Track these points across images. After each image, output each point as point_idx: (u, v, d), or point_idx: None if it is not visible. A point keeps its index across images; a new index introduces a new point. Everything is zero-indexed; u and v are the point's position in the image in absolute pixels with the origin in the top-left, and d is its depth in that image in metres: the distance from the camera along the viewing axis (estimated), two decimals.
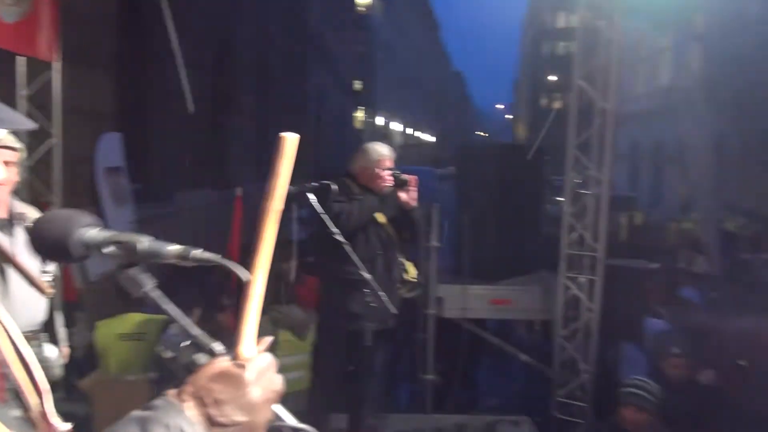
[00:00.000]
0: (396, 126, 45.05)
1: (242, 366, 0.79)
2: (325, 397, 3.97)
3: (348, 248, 3.32)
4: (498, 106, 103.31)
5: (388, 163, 3.75)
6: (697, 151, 8.54)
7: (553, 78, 50.53)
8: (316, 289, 4.48)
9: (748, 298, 5.97)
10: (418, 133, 56.94)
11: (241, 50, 11.48)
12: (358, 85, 31.47)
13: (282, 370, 0.77)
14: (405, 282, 3.97)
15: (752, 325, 5.11)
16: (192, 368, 0.81)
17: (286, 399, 0.85)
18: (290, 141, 0.82)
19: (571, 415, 4.92)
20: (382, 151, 3.80)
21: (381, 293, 3.34)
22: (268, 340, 0.84)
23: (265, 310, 3.92)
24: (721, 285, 6.88)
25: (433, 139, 64.33)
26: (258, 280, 0.81)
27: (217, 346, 0.84)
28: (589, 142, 4.96)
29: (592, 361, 4.94)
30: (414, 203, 3.78)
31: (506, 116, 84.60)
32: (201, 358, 0.83)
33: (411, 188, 3.75)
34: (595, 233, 4.93)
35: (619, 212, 15.47)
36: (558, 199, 5.18)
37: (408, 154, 48.04)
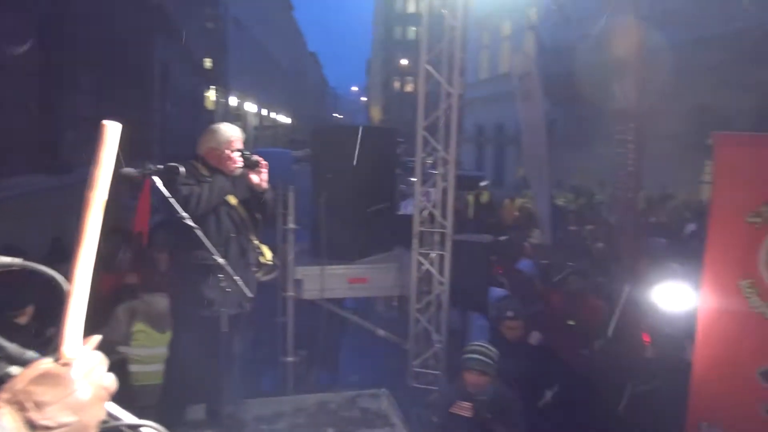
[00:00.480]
0: (250, 107, 43.76)
1: (67, 365, 0.74)
2: (180, 388, 3.81)
3: (199, 232, 3.20)
4: (353, 88, 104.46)
5: (238, 144, 3.65)
6: (531, 133, 9.32)
7: (404, 62, 52.13)
8: None
9: (577, 264, 6.67)
10: (273, 115, 55.85)
11: (78, 23, 10.41)
12: (208, 62, 30.03)
13: (138, 362, 0.73)
14: (261, 265, 3.91)
15: (578, 287, 5.76)
16: (5, 381, 0.75)
17: (143, 393, 0.82)
18: (112, 129, 0.79)
19: (426, 384, 5.21)
20: (231, 131, 3.69)
21: (236, 277, 3.27)
22: (96, 338, 0.80)
23: (124, 300, 3.66)
24: (553, 254, 7.62)
25: (288, 120, 63.54)
26: (80, 277, 0.77)
27: (31, 355, 0.79)
28: (436, 124, 5.22)
29: (444, 331, 5.27)
30: (265, 185, 3.72)
31: (362, 98, 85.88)
32: (14, 370, 0.78)
33: (262, 169, 3.69)
34: (443, 211, 5.23)
35: (468, 191, 16.52)
36: (411, 179, 5.39)
37: (263, 135, 46.97)
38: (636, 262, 5.71)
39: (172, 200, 3.16)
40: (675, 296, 4.10)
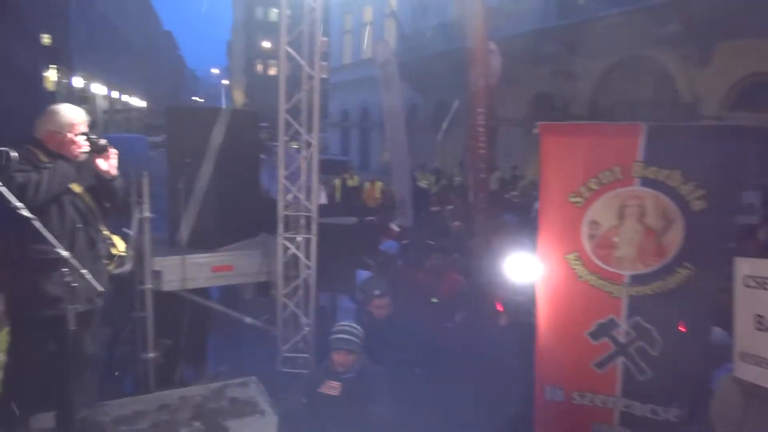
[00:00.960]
0: (98, 89, 40.28)
1: None
2: (23, 396, 3.47)
3: (38, 224, 2.92)
4: (213, 70, 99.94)
5: (82, 128, 3.37)
6: (391, 119, 9.60)
7: (267, 44, 50.87)
8: None
9: (438, 243, 7.00)
10: (126, 98, 51.90)
11: None
12: (46, 38, 27.14)
13: None
14: (113, 257, 3.66)
15: (439, 265, 6.06)
16: None
17: None
18: None
19: (296, 368, 5.22)
20: (73, 113, 3.39)
21: (83, 271, 3.03)
22: None
23: None
24: (416, 234, 7.93)
25: (143, 104, 59.43)
26: None
27: None
28: (298, 107, 5.19)
29: (312, 314, 5.30)
30: (114, 171, 3.48)
31: (223, 81, 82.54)
32: None
33: (110, 155, 3.44)
34: (308, 194, 5.23)
35: (336, 175, 16.64)
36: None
37: (116, 120, 43.53)
38: (490, 238, 6.11)
39: (4, 189, 2.85)
40: (523, 267, 4.45)
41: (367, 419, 3.54)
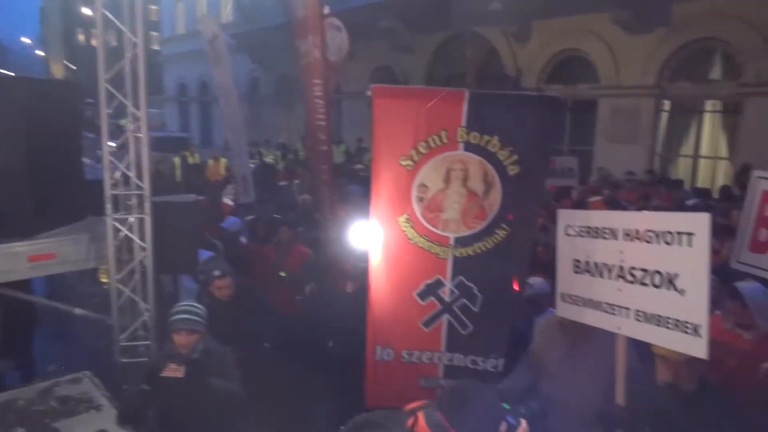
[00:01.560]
0: None
1: None
2: None
3: None
4: (24, 39, 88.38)
5: None
6: (225, 95, 9.24)
7: (87, 11, 46.10)
8: None
9: (285, 216, 6.93)
10: None
11: None
12: None
13: None
14: None
15: (287, 238, 6.00)
16: None
17: None
18: None
19: (136, 357, 4.91)
20: None
21: None
22: None
23: None
24: (262, 209, 7.79)
25: None
26: None
27: None
28: (122, 76, 4.78)
29: (152, 299, 4.99)
30: None
31: (37, 52, 73.38)
32: None
33: None
34: (139, 172, 4.87)
35: (175, 153, 15.72)
36: (111, 144, 4.83)
37: None
38: (335, 209, 6.18)
39: None
40: (366, 234, 4.56)
41: (214, 397, 3.44)
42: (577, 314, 3.33)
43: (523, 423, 2.36)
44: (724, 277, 4.30)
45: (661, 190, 9.64)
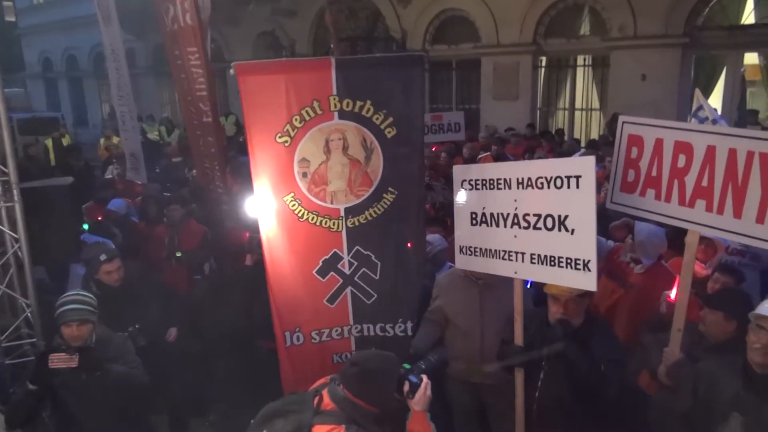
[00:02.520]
0: None
1: None
2: None
3: None
4: None
5: None
6: (116, 58, 8.44)
7: None
8: None
9: (176, 194, 6.58)
10: None
11: None
12: None
13: None
14: None
15: (178, 215, 5.73)
16: None
17: None
18: None
19: (22, 357, 4.54)
20: None
21: None
22: None
23: None
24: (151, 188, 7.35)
25: None
26: None
27: None
28: None
29: (32, 293, 4.60)
30: None
31: None
32: None
33: None
34: (2, 157, 4.42)
35: (45, 135, 14.40)
36: None
37: None
38: (227, 181, 5.98)
39: None
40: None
41: (115, 385, 3.26)
42: (476, 264, 3.48)
43: (425, 379, 2.47)
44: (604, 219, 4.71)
45: (543, 142, 10.19)
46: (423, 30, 14.77)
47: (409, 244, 3.81)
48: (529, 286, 4.19)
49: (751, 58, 11.72)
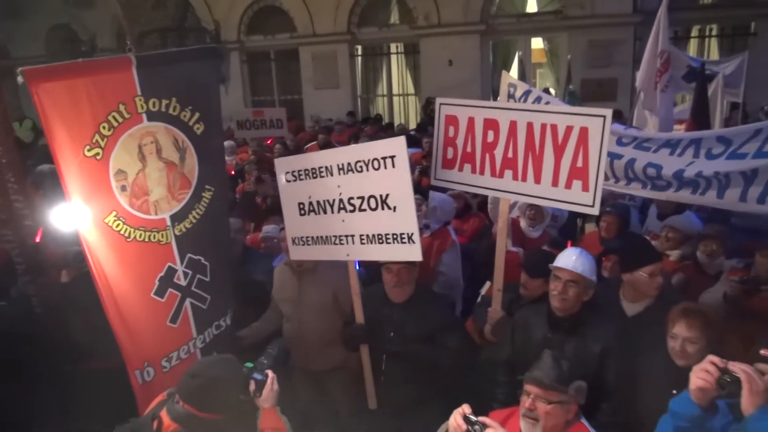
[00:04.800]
0: None
1: None
2: None
3: None
4: None
5: None
6: None
7: None
8: None
9: None
10: None
11: None
12: None
13: None
14: None
15: None
16: None
17: None
18: None
19: None
20: None
21: None
22: None
23: None
24: None
25: None
26: None
27: None
28: None
29: None
30: None
31: None
32: None
33: None
34: None
35: None
36: None
37: None
38: (27, 193, 5.34)
39: None
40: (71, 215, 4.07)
41: None
42: (310, 253, 3.56)
43: (270, 374, 2.45)
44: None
45: (365, 128, 10.57)
46: (237, 20, 14.39)
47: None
48: (357, 267, 4.42)
49: (537, 43, 13.23)
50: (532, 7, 12.62)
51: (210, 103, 3.43)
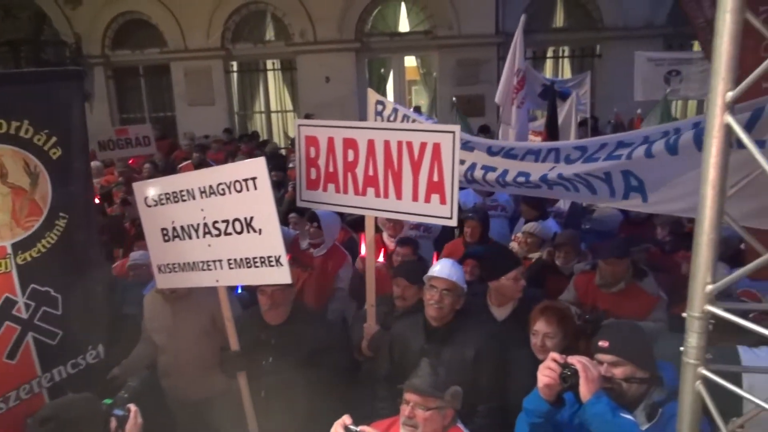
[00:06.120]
0: None
1: None
2: None
3: None
4: None
5: None
6: None
7: None
8: None
9: None
10: None
11: None
12: None
13: None
14: None
15: None
16: None
17: None
18: None
19: None
20: None
21: None
22: None
23: None
24: None
25: None
26: None
27: None
28: None
29: None
30: None
31: None
32: None
33: None
34: None
35: None
36: None
37: None
38: None
39: None
40: None
41: None
42: (177, 281, 3.41)
43: (132, 407, 2.35)
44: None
45: (241, 146, 10.37)
46: (101, 34, 13.55)
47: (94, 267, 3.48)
48: (240, 290, 4.32)
49: (411, 61, 13.73)
50: (404, 26, 13.09)
51: (70, 126, 3.21)
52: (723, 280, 1.37)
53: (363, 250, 4.10)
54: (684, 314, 1.43)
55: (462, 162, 3.51)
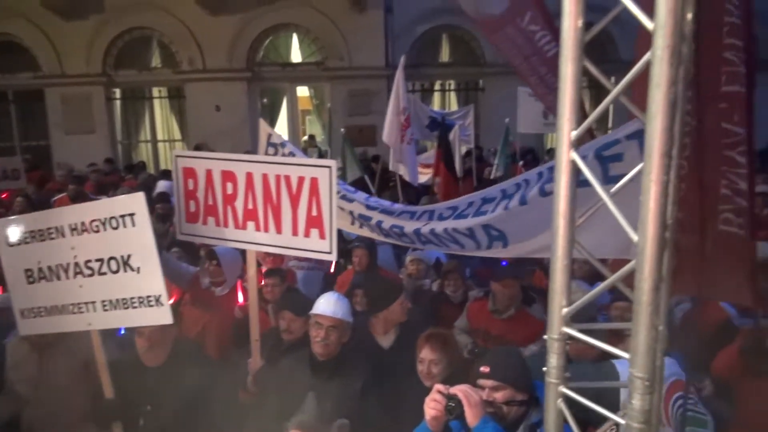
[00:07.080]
0: None
1: None
2: None
3: None
4: None
5: None
6: None
7: None
8: None
9: None
10: None
11: None
12: None
13: None
14: None
15: None
16: None
17: None
18: None
19: None
20: None
21: None
22: None
23: None
24: None
25: None
26: None
27: None
28: None
29: None
30: None
31: None
32: None
33: None
34: None
35: None
36: None
37: None
38: None
39: None
40: None
41: None
42: (43, 326, 3.16)
43: None
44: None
45: (125, 177, 9.86)
46: None
47: None
48: (123, 332, 4.05)
49: (303, 91, 13.80)
50: (296, 57, 13.17)
51: None
52: (576, 303, 1.46)
53: (240, 297, 4.05)
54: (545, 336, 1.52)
55: (341, 209, 3.55)
